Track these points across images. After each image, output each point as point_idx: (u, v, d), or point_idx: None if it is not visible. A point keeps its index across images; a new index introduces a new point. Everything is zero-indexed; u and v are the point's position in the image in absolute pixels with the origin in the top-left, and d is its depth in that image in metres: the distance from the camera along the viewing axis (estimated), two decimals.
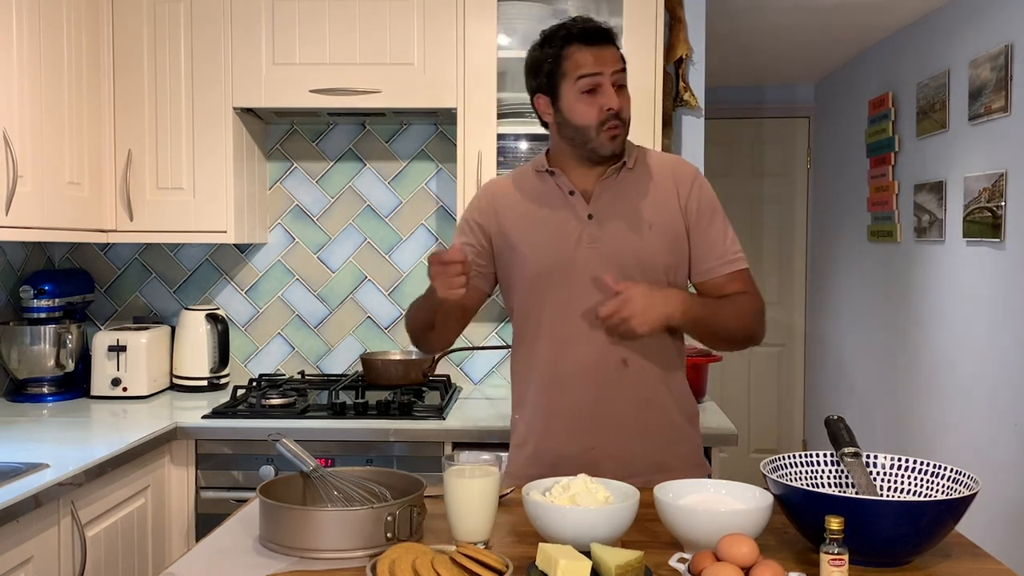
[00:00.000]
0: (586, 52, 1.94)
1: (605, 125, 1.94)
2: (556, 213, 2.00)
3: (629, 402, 1.97)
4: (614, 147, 1.96)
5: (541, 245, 1.99)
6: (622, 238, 1.97)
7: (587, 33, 1.96)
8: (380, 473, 1.75)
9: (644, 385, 1.98)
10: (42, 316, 3.02)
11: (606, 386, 1.96)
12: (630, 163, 2.02)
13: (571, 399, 1.98)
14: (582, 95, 1.95)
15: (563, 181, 2.01)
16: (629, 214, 1.98)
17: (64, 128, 2.71)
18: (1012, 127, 3.36)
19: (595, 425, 1.97)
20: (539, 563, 1.35)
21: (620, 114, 1.95)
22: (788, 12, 4.11)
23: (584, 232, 1.97)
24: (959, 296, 3.82)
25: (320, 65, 2.96)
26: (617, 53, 1.98)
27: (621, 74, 1.96)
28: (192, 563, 1.51)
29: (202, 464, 2.70)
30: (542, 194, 2.03)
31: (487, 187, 2.15)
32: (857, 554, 1.39)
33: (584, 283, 1.96)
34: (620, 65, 1.96)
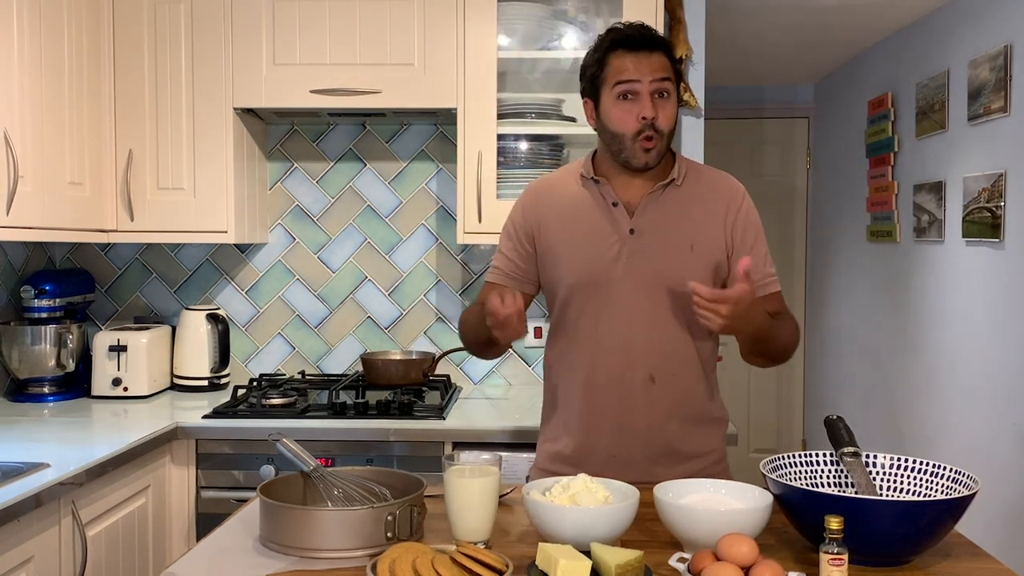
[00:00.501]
0: (627, 58, 1.91)
1: (640, 135, 1.90)
2: (598, 224, 1.98)
3: (654, 417, 1.96)
4: (648, 159, 1.93)
5: (581, 255, 1.98)
6: (663, 257, 1.95)
7: (630, 39, 1.93)
8: (380, 473, 1.76)
9: (670, 400, 1.97)
10: (43, 316, 3.02)
11: (632, 400, 1.95)
12: (679, 180, 1.98)
13: (599, 407, 1.98)
14: (618, 101, 1.92)
15: (608, 191, 1.98)
16: (672, 233, 1.96)
17: (65, 128, 2.72)
18: (1011, 127, 3.36)
19: (620, 436, 1.96)
20: (539, 563, 1.35)
21: (656, 124, 1.90)
22: (788, 12, 4.11)
23: (625, 247, 1.95)
24: (958, 296, 3.82)
25: (320, 65, 2.96)
26: (662, 62, 1.92)
27: (664, 83, 1.91)
28: (193, 563, 1.51)
29: (203, 464, 2.71)
30: (585, 202, 2.01)
31: (531, 189, 2.12)
32: (857, 554, 1.39)
33: (620, 297, 1.95)
34: (663, 74, 1.91)
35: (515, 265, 2.08)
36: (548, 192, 2.08)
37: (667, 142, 1.95)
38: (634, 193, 1.98)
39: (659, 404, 1.96)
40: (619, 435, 1.96)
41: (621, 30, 1.96)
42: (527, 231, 2.06)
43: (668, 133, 1.94)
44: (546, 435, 2.10)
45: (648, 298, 1.94)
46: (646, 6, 2.90)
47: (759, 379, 6.00)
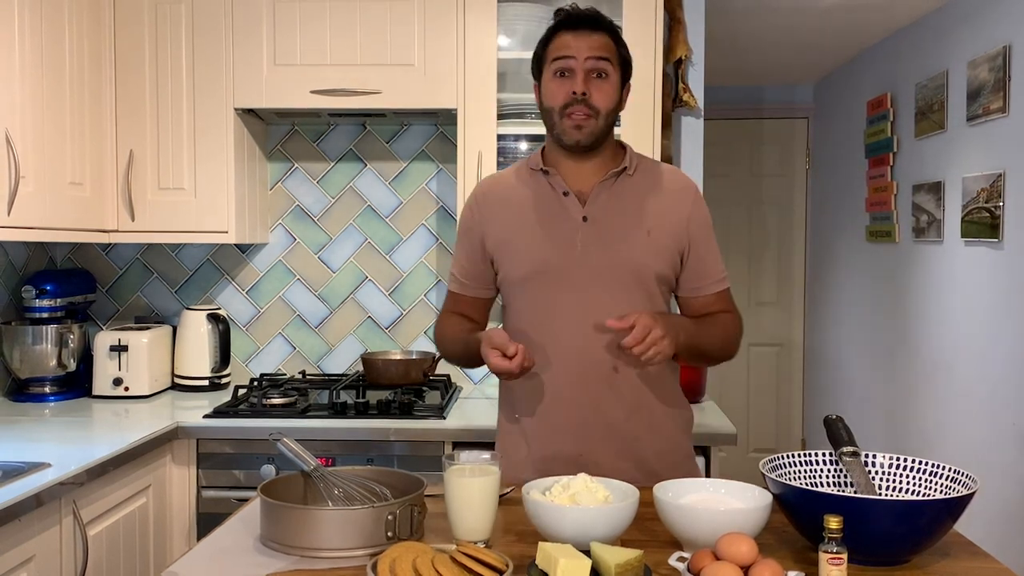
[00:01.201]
0: (566, 36, 1.90)
1: (568, 109, 1.88)
2: (550, 214, 1.95)
3: (619, 408, 1.93)
4: (579, 137, 1.89)
5: (534, 247, 1.94)
6: (618, 242, 1.92)
7: (572, 18, 1.92)
8: (381, 472, 1.75)
9: (634, 392, 1.94)
10: (44, 316, 3.03)
11: (596, 392, 1.92)
12: (630, 169, 1.96)
13: (561, 404, 1.94)
14: (554, 77, 1.90)
15: (557, 181, 1.95)
16: (627, 219, 1.93)
17: (66, 129, 2.72)
18: (1010, 127, 3.37)
19: (585, 431, 1.93)
20: (539, 562, 1.35)
21: (589, 101, 1.87)
22: (787, 13, 4.11)
23: (579, 235, 1.92)
24: (957, 296, 3.82)
25: (321, 66, 2.96)
26: (602, 42, 1.90)
27: (600, 62, 1.88)
28: (193, 562, 1.51)
29: (203, 463, 2.71)
30: (535, 194, 1.98)
31: (477, 189, 2.09)
32: (856, 553, 1.39)
33: (578, 287, 1.91)
34: (600, 53, 1.88)
35: (470, 269, 2.05)
36: (495, 189, 2.05)
37: (605, 123, 1.91)
38: (585, 182, 1.95)
39: (624, 396, 1.93)
40: (583, 432, 1.93)
41: (567, 10, 1.94)
42: (477, 231, 2.02)
43: (606, 113, 1.90)
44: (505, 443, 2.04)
45: (606, 286, 1.91)
46: (645, 7, 2.91)
47: (759, 379, 6.00)
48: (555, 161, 1.98)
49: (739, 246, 5.91)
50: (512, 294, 2.00)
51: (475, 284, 2.06)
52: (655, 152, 2.91)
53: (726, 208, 5.84)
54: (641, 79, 2.90)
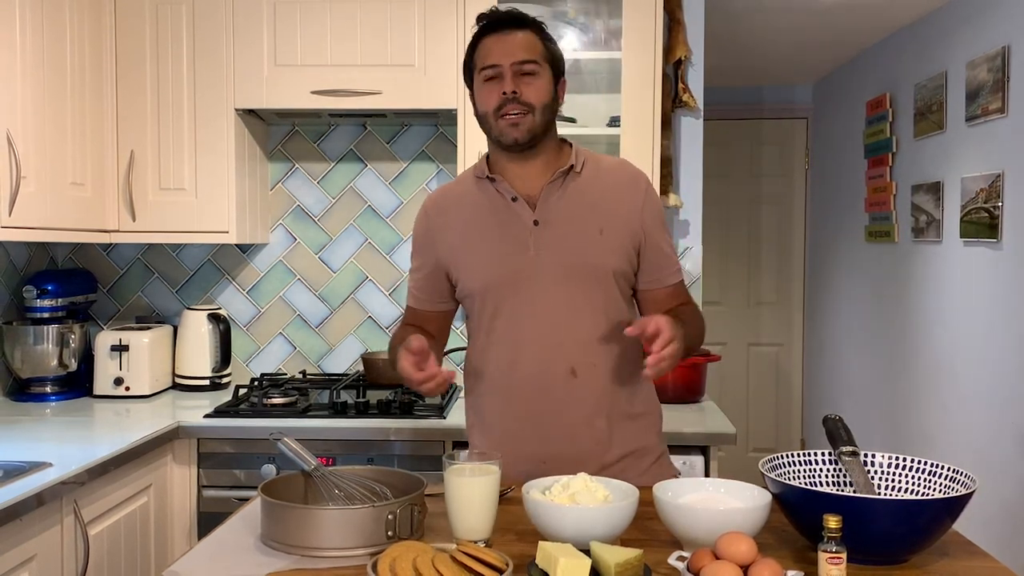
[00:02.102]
0: (488, 41, 1.88)
1: (501, 110, 1.86)
2: (500, 221, 1.93)
3: (579, 413, 1.91)
4: (516, 135, 1.86)
5: (487, 255, 1.93)
6: (572, 243, 1.90)
7: (492, 23, 1.89)
8: (381, 472, 1.76)
9: (594, 395, 1.91)
10: (45, 316, 3.03)
11: (555, 396, 1.90)
12: (578, 167, 1.93)
13: (521, 409, 1.92)
14: (484, 83, 1.89)
15: (504, 187, 1.92)
16: (578, 219, 1.91)
17: (67, 129, 2.72)
18: (1009, 128, 3.37)
19: (546, 437, 1.91)
20: (539, 561, 1.35)
21: (520, 98, 1.85)
22: (786, 13, 4.12)
23: (531, 239, 1.90)
24: (956, 296, 3.83)
25: (321, 66, 2.97)
26: (526, 42, 1.88)
27: (526, 64, 1.86)
28: (194, 561, 1.51)
29: (204, 463, 2.72)
30: (484, 202, 1.95)
31: (427, 201, 2.07)
32: (855, 552, 1.39)
33: (533, 291, 1.90)
34: (524, 56, 1.86)
35: (426, 283, 2.03)
36: (443, 202, 2.03)
37: (542, 118, 1.88)
38: (532, 185, 1.92)
39: (583, 399, 1.90)
40: (544, 437, 1.91)
41: (486, 15, 1.92)
42: (429, 245, 2.01)
43: (541, 108, 1.87)
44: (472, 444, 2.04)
45: (561, 289, 1.89)
46: (645, 7, 2.91)
47: (758, 379, 6.01)
48: (500, 167, 1.95)
49: (739, 246, 5.91)
50: (471, 303, 1.99)
51: (431, 298, 2.05)
52: (654, 152, 2.92)
53: (726, 208, 5.84)
54: (641, 80, 2.92)
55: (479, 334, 2.00)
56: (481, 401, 2.01)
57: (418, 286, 2.06)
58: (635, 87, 2.92)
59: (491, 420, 1.99)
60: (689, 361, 3.01)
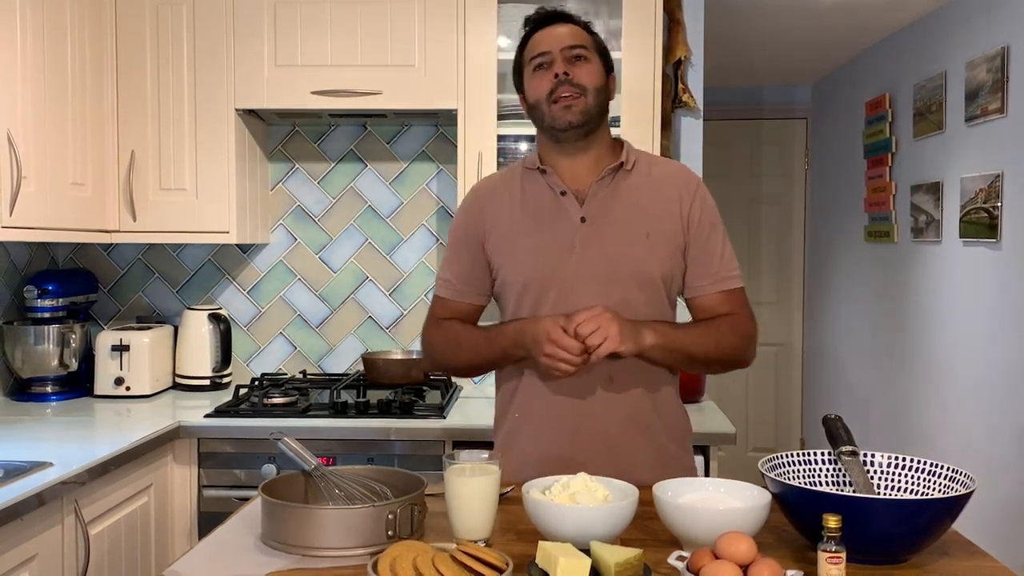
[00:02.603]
0: (538, 35, 1.90)
1: (554, 94, 1.84)
2: (547, 215, 1.90)
3: (614, 419, 1.88)
4: (570, 117, 1.84)
5: (532, 249, 1.89)
6: (618, 244, 1.86)
7: (540, 19, 1.92)
8: (381, 472, 1.75)
9: (629, 403, 1.88)
10: (46, 316, 3.03)
11: (591, 401, 1.87)
12: (628, 165, 1.91)
13: (556, 412, 1.89)
14: (534, 72, 1.89)
15: (554, 180, 1.90)
16: (626, 219, 1.88)
17: (68, 129, 2.73)
18: (1008, 128, 3.38)
19: (579, 440, 1.88)
20: (539, 561, 1.35)
21: (573, 80, 1.84)
22: (786, 14, 4.12)
23: (576, 237, 1.87)
24: (956, 296, 3.83)
25: (322, 67, 2.97)
26: (571, 30, 1.89)
27: (576, 49, 1.87)
28: (194, 561, 1.51)
29: (204, 463, 2.72)
30: (532, 195, 1.93)
31: (473, 192, 2.03)
32: (855, 552, 1.39)
33: (576, 290, 1.85)
34: (573, 42, 1.87)
35: (465, 274, 1.98)
36: (491, 191, 1.99)
37: (594, 101, 1.87)
38: (582, 180, 1.90)
39: (619, 406, 1.88)
40: (577, 442, 1.87)
41: (533, 15, 1.94)
42: (475, 235, 1.96)
43: (593, 91, 1.86)
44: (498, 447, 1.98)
45: (604, 290, 1.84)
46: (645, 8, 2.91)
47: (757, 379, 6.01)
48: (551, 160, 1.93)
49: (738, 246, 5.83)
50: (508, 298, 1.95)
51: (471, 289, 1.99)
52: (655, 152, 2.92)
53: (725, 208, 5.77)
54: (641, 80, 2.92)
55: None
56: (513, 401, 1.96)
57: (458, 276, 2.00)
58: (635, 87, 2.92)
59: (522, 421, 1.94)
60: None
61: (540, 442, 1.91)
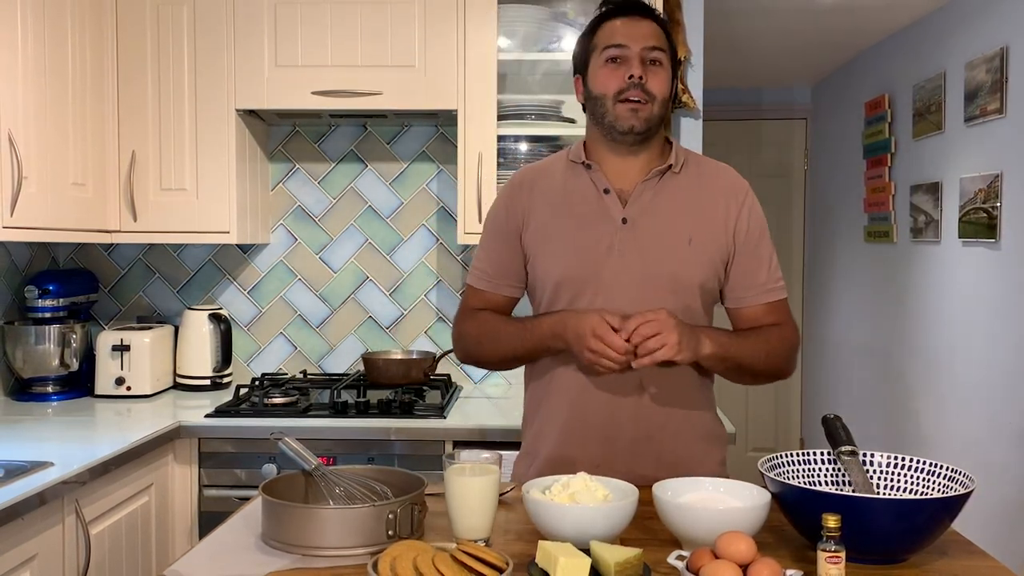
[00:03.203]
0: (616, 23, 1.82)
1: (623, 94, 1.78)
2: (588, 212, 1.84)
3: (644, 426, 1.84)
4: (635, 122, 1.79)
5: (570, 246, 1.84)
6: (658, 249, 1.81)
7: (622, 7, 1.83)
8: (381, 471, 1.75)
9: (661, 410, 1.84)
10: (47, 316, 3.04)
11: (622, 406, 1.83)
12: (676, 167, 1.85)
13: (585, 415, 1.85)
14: (606, 64, 1.81)
15: (599, 177, 1.85)
16: (669, 223, 1.83)
17: (68, 130, 2.73)
18: (1007, 129, 3.38)
19: (607, 444, 1.84)
20: (539, 560, 1.35)
21: (645, 86, 1.78)
22: (785, 15, 4.12)
23: (616, 238, 1.82)
24: (955, 296, 3.83)
25: (322, 67, 2.97)
26: (655, 30, 1.82)
27: (655, 52, 1.80)
28: (195, 560, 1.51)
29: (205, 462, 2.72)
30: (575, 189, 1.87)
31: (516, 178, 1.96)
32: (854, 551, 1.39)
33: (610, 293, 1.81)
34: (654, 42, 1.80)
35: (501, 264, 1.93)
36: (534, 181, 1.93)
37: (659, 111, 1.81)
38: (628, 180, 1.85)
39: (650, 413, 1.84)
40: (605, 446, 1.84)
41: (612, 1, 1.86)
42: (514, 224, 1.91)
43: (661, 101, 1.81)
44: (525, 448, 1.98)
45: (641, 294, 1.79)
46: None
47: None
48: (598, 156, 1.87)
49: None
50: (542, 294, 1.90)
51: (506, 281, 1.95)
52: None
53: None
54: None
55: None
56: (544, 402, 1.92)
57: (493, 266, 1.95)
58: None
59: (550, 424, 1.91)
60: None
61: (562, 445, 1.88)
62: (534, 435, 1.96)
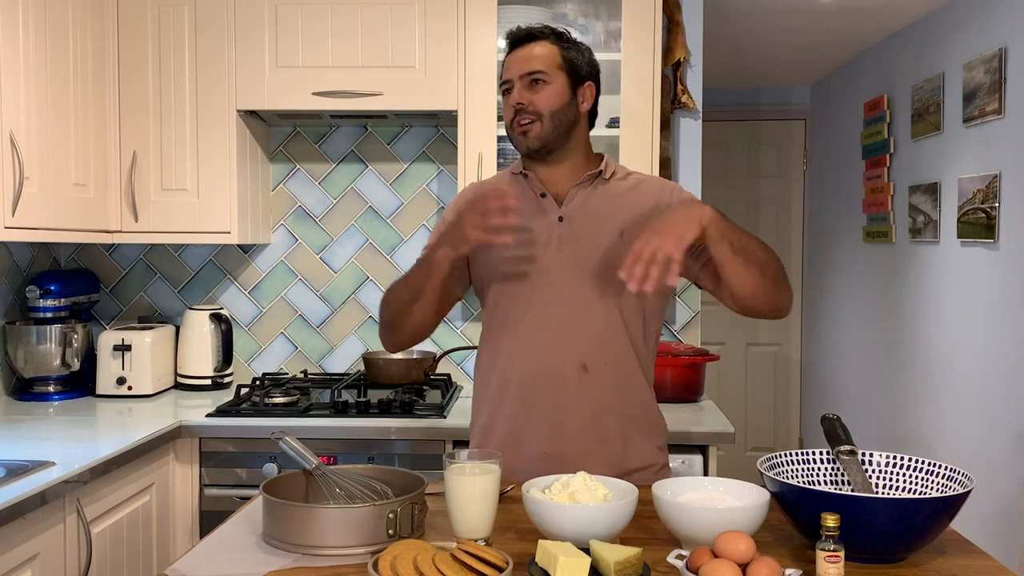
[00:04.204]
0: (508, 59, 1.99)
1: (514, 121, 1.95)
2: (529, 215, 1.97)
3: (587, 408, 1.93)
4: (527, 142, 1.95)
5: (512, 246, 1.93)
6: (594, 242, 1.94)
7: (511, 41, 2.01)
8: (382, 471, 1.76)
9: (603, 392, 1.94)
10: (48, 316, 3.04)
11: (565, 391, 1.93)
12: (606, 174, 2.00)
13: (529, 403, 1.94)
14: (504, 98, 1.99)
15: (536, 184, 2.00)
16: (601, 220, 1.96)
17: (70, 130, 2.74)
18: (1006, 129, 3.39)
19: (553, 431, 1.93)
20: (539, 560, 1.36)
21: (527, 108, 1.93)
22: (784, 15, 4.13)
23: (554, 234, 1.96)
24: (953, 296, 3.84)
25: (322, 68, 2.98)
26: (535, 53, 1.95)
27: (534, 74, 1.93)
28: (196, 559, 1.51)
29: (206, 462, 2.73)
30: (517, 197, 1.97)
31: (468, 189, 2.14)
32: (853, 550, 1.40)
33: (550, 285, 1.94)
34: (531, 68, 1.93)
35: None
36: (480, 191, 2.05)
37: (552, 124, 1.94)
38: (561, 185, 1.99)
39: (594, 395, 1.93)
40: (552, 430, 1.93)
41: (510, 33, 2.02)
42: None
43: (549, 114, 1.93)
44: (476, 441, 2.04)
45: (579, 285, 1.93)
46: (644, 9, 2.92)
47: (756, 378, 6.02)
48: (532, 166, 2.02)
49: None
50: (488, 291, 2.02)
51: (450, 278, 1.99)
52: (653, 153, 2.94)
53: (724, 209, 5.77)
54: (640, 81, 2.93)
55: (493, 325, 2.02)
56: (491, 392, 2.02)
57: None
58: (634, 88, 2.93)
59: (499, 411, 1.99)
60: (688, 360, 3.02)
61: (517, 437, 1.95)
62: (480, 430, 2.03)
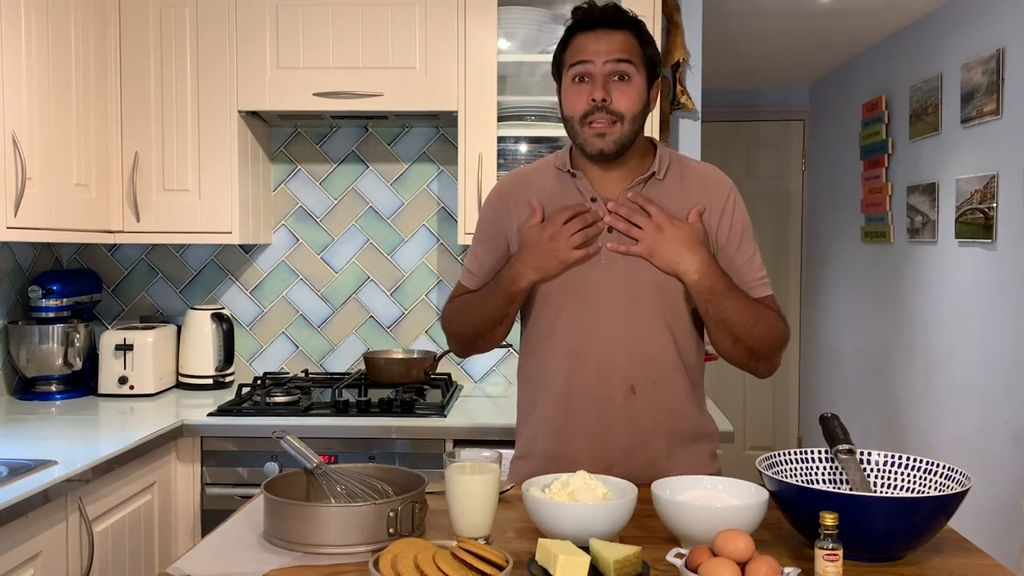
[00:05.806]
0: (582, 38, 1.79)
1: (588, 118, 1.77)
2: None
3: (634, 431, 1.83)
4: (602, 145, 1.78)
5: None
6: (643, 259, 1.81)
7: (589, 19, 1.79)
8: (382, 470, 1.75)
9: (653, 416, 1.84)
10: (50, 315, 3.05)
11: (611, 413, 1.83)
12: (660, 174, 1.84)
13: (576, 421, 1.85)
14: (573, 84, 1.79)
15: (585, 185, 1.84)
16: None
17: (72, 131, 2.74)
18: (1003, 129, 3.40)
19: (598, 452, 1.84)
20: (539, 558, 1.36)
21: (610, 107, 1.76)
22: (783, 17, 4.14)
23: (602, 246, 1.82)
24: (951, 296, 3.85)
25: (323, 69, 2.99)
26: (624, 42, 1.77)
27: (620, 64, 1.76)
28: (197, 558, 1.51)
29: (207, 461, 2.74)
30: (561, 196, 1.86)
31: (501, 185, 1.97)
32: (851, 549, 1.40)
33: (598, 300, 1.81)
34: (620, 55, 1.76)
35: (489, 269, 1.93)
36: (520, 187, 1.92)
37: (631, 128, 1.79)
38: (612, 188, 1.84)
39: (641, 418, 1.83)
40: (597, 452, 1.83)
41: (584, 9, 1.82)
42: (502, 229, 1.91)
43: (631, 117, 1.78)
44: (519, 452, 1.98)
45: (628, 301, 1.81)
46: (644, 10, 2.92)
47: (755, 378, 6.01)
48: (583, 165, 1.86)
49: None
50: (533, 303, 1.89)
51: None
52: None
53: None
54: None
55: (535, 338, 1.91)
56: (536, 408, 1.93)
57: (480, 270, 1.95)
58: None
59: (542, 429, 1.91)
60: None
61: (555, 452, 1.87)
62: (526, 442, 1.96)
